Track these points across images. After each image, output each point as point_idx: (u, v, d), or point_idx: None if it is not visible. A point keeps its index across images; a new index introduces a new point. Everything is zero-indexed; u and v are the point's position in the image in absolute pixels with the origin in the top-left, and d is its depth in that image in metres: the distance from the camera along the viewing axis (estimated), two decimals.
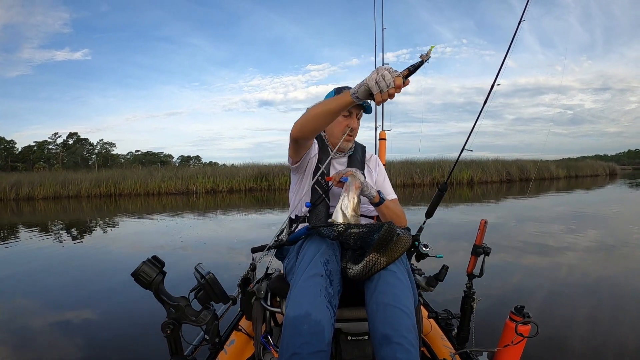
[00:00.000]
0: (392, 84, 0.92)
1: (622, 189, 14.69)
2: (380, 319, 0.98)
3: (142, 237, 6.20)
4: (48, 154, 52.89)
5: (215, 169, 18.49)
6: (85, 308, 2.77)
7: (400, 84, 0.92)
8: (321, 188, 1.39)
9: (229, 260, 4.12)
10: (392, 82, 0.91)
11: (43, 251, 5.00)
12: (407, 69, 0.94)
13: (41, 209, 11.67)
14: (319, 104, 1.14)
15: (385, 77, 0.92)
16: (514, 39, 1.61)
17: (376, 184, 1.52)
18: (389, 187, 1.54)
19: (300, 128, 1.17)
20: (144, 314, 2.53)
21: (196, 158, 61.49)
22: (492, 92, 1.62)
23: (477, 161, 17.50)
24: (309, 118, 1.14)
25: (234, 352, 1.38)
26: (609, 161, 32.41)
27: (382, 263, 1.04)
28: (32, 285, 3.46)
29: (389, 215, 1.36)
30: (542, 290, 2.78)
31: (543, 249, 4.23)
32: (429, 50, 0.93)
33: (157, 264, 0.95)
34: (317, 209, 1.38)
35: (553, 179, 19.62)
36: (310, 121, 1.15)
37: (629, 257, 3.83)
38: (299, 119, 1.18)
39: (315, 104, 1.16)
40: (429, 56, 0.93)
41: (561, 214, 7.34)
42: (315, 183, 1.39)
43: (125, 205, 11.96)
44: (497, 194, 12.37)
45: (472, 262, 1.47)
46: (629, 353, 1.87)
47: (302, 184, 1.45)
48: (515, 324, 1.23)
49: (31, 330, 2.41)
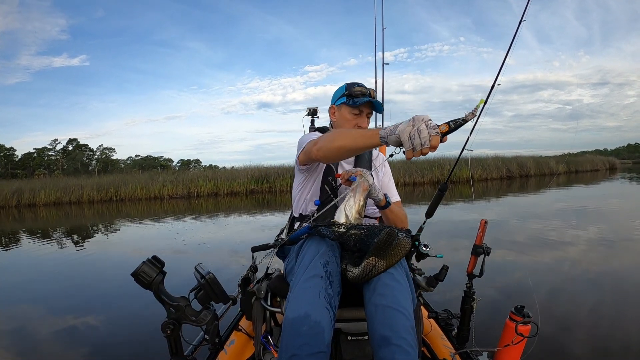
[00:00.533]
0: (427, 143, 0.82)
1: (621, 183, 14.70)
2: (379, 321, 0.98)
3: (143, 241, 6.21)
4: (48, 161, 52.79)
5: (216, 172, 18.52)
6: (86, 309, 2.78)
7: (436, 144, 0.82)
8: (330, 188, 1.38)
9: (229, 261, 4.12)
10: (427, 140, 0.82)
11: (44, 257, 5.02)
12: (447, 125, 0.82)
13: (43, 215, 11.70)
14: (344, 133, 1.11)
15: (421, 134, 0.83)
16: (514, 39, 1.61)
17: (381, 185, 1.50)
18: (393, 188, 1.52)
19: (325, 155, 1.14)
20: (143, 314, 2.54)
21: (196, 161, 61.51)
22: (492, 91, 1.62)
23: (476, 159, 17.49)
24: (335, 148, 1.09)
25: (234, 352, 1.38)
26: (608, 155, 32.40)
27: (381, 267, 1.04)
28: (34, 289, 3.47)
29: (392, 219, 1.34)
30: (542, 290, 2.77)
31: (544, 246, 4.21)
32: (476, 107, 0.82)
33: (157, 264, 0.95)
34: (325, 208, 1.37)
35: (553, 175, 19.61)
36: (334, 151, 1.11)
37: (631, 251, 3.82)
38: (323, 142, 1.14)
39: (341, 131, 1.17)
40: (474, 114, 0.82)
41: (562, 210, 7.33)
42: (324, 182, 1.39)
43: (127, 210, 11.97)
44: (497, 190, 12.39)
45: (472, 262, 1.47)
46: (632, 351, 1.86)
47: (309, 182, 1.43)
48: (515, 324, 1.23)
49: (33, 332, 2.42)
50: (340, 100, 1.42)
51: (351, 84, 1.42)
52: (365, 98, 1.37)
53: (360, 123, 1.40)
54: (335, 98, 1.45)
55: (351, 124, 1.40)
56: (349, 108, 1.39)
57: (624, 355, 1.85)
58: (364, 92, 1.38)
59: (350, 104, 1.38)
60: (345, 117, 1.40)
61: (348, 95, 1.39)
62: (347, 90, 1.40)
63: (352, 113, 1.38)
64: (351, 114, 1.39)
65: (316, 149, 1.16)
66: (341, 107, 1.41)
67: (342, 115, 1.41)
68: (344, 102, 1.39)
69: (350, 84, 1.42)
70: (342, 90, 1.42)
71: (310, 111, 1.70)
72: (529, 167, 18.69)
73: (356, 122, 1.40)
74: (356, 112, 1.38)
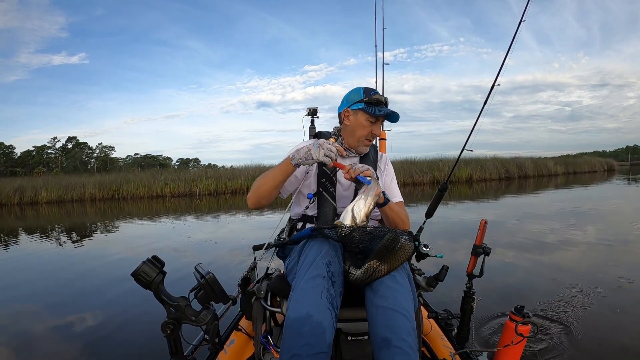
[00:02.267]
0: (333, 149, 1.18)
1: (618, 184, 14.72)
2: (380, 323, 0.98)
3: (144, 239, 6.22)
4: (47, 159, 52.63)
5: (217, 171, 18.57)
6: (86, 309, 2.78)
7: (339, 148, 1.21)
8: (327, 191, 1.37)
9: (229, 260, 4.13)
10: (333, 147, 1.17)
11: (44, 255, 5.04)
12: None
13: (45, 213, 11.75)
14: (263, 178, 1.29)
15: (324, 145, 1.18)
16: (514, 39, 1.61)
17: (384, 185, 1.47)
18: (396, 189, 1.50)
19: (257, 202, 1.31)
20: (143, 314, 2.54)
21: (195, 160, 61.28)
22: (492, 92, 1.62)
23: (475, 159, 17.50)
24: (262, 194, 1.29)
25: (234, 352, 1.38)
26: (607, 157, 32.49)
27: (383, 271, 1.03)
28: (33, 288, 3.48)
29: (392, 218, 1.32)
30: (543, 290, 2.77)
31: (543, 247, 4.20)
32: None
33: (157, 264, 0.95)
34: (323, 209, 1.36)
35: (551, 176, 19.70)
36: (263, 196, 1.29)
37: (631, 252, 3.81)
38: (251, 194, 1.31)
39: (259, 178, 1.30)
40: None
41: (560, 211, 7.31)
42: (319, 185, 1.38)
43: (129, 208, 12.00)
44: (496, 191, 12.42)
45: (472, 262, 1.47)
46: (631, 351, 1.86)
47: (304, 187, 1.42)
48: (515, 324, 1.23)
49: (32, 331, 2.43)
50: (357, 105, 1.37)
51: (368, 90, 1.38)
52: (385, 109, 1.36)
53: (375, 130, 1.38)
54: (350, 101, 1.40)
55: (366, 130, 1.37)
56: (366, 115, 1.36)
57: (624, 354, 1.85)
58: (383, 102, 1.37)
59: (370, 112, 1.35)
60: (361, 123, 1.37)
61: (367, 103, 1.35)
62: (365, 97, 1.36)
63: (369, 120, 1.36)
64: (368, 121, 1.36)
65: (250, 204, 1.32)
66: (357, 112, 1.37)
67: (357, 121, 1.38)
68: (362, 109, 1.35)
69: (367, 89, 1.39)
70: (360, 95, 1.37)
71: (310, 111, 1.69)
72: (528, 168, 18.81)
73: (371, 129, 1.37)
74: (373, 120, 1.36)
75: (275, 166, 1.28)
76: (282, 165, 1.24)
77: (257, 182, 1.30)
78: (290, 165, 1.21)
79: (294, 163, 1.20)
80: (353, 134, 1.39)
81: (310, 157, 1.18)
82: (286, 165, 1.23)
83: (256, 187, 1.29)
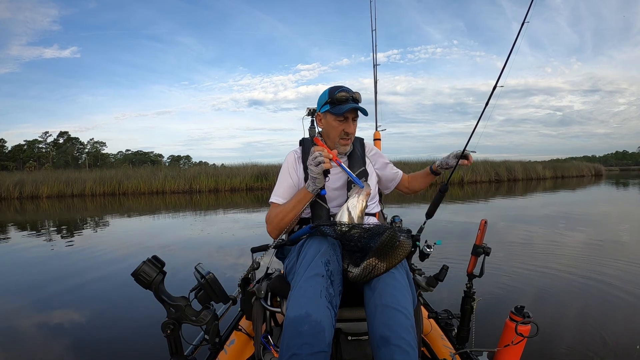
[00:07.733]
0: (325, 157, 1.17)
1: (604, 189, 14.95)
2: (379, 321, 0.98)
3: (143, 236, 6.22)
4: (38, 153, 52.20)
5: (217, 169, 18.67)
6: (85, 308, 2.77)
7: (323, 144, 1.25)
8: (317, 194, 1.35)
9: (229, 260, 4.13)
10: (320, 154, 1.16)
11: (40, 250, 5.05)
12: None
13: (46, 207, 11.75)
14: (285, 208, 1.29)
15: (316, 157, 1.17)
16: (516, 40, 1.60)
17: (379, 172, 1.57)
18: (392, 167, 1.62)
19: (280, 232, 1.31)
20: (144, 314, 2.54)
21: (186, 158, 60.87)
22: (493, 93, 1.61)
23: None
24: (286, 223, 1.30)
25: (234, 352, 1.38)
26: (596, 162, 32.80)
27: (381, 268, 1.03)
28: (32, 284, 3.48)
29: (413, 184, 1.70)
30: (543, 290, 2.77)
31: (542, 247, 4.22)
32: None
33: (157, 264, 0.95)
34: (316, 211, 1.36)
35: (540, 179, 20.02)
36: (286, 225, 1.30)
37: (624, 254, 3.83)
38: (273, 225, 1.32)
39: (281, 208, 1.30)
40: None
41: (550, 214, 7.37)
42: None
43: (129, 204, 12.02)
44: (486, 193, 12.61)
45: (472, 262, 1.47)
46: (632, 351, 1.87)
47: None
48: (515, 324, 1.23)
49: (31, 331, 2.43)
50: (324, 107, 1.36)
51: (334, 89, 1.35)
52: (348, 105, 1.31)
53: (346, 129, 1.35)
54: (319, 105, 1.39)
55: (338, 130, 1.35)
56: (333, 116, 1.34)
57: (624, 353, 1.85)
58: (347, 97, 1.32)
59: (334, 112, 1.32)
60: (331, 124, 1.35)
61: (331, 103, 1.33)
62: (329, 97, 1.34)
63: (337, 120, 1.34)
64: (336, 121, 1.34)
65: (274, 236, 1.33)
66: (326, 114, 1.36)
67: (328, 123, 1.36)
68: (328, 110, 1.34)
69: (332, 88, 1.36)
70: (325, 97, 1.35)
71: (310, 111, 1.67)
72: (517, 172, 19.18)
73: (342, 128, 1.35)
74: (341, 119, 1.34)
75: (292, 199, 1.29)
76: (301, 196, 1.27)
77: (276, 217, 1.30)
78: (309, 194, 1.25)
79: (313, 191, 1.24)
80: (328, 136, 1.40)
81: (315, 178, 1.20)
82: (304, 195, 1.26)
83: (278, 219, 1.30)
